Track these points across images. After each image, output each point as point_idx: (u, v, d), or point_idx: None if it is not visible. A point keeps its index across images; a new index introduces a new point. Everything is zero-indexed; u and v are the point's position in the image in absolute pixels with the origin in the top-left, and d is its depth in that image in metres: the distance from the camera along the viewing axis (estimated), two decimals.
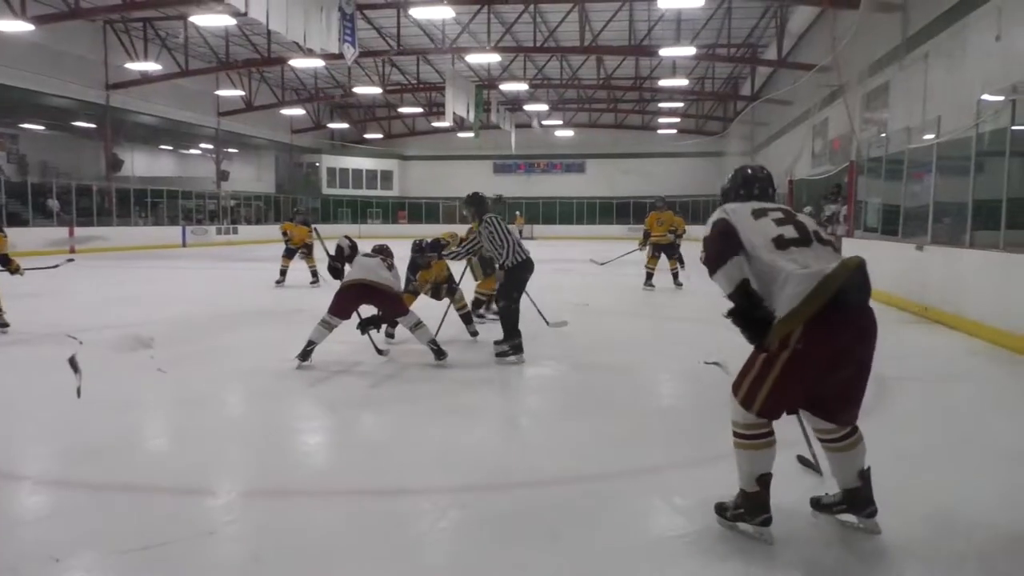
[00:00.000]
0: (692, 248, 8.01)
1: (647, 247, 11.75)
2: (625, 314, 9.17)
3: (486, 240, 6.15)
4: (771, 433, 2.71)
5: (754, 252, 2.67)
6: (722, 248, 2.66)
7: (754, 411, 2.65)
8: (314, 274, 12.21)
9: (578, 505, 3.15)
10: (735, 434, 2.74)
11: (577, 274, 14.74)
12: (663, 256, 11.72)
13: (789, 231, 2.69)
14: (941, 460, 3.80)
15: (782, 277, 2.58)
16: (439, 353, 5.91)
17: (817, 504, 2.93)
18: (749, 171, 3.10)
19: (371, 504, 3.23)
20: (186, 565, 2.66)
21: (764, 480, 2.71)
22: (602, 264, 10.08)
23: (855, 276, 2.56)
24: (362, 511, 3.16)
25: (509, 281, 6.13)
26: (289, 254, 12.36)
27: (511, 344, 6.10)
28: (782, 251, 2.64)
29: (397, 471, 3.63)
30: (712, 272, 2.69)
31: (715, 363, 5.00)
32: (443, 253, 6.57)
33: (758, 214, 2.77)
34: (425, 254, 6.84)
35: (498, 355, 6.11)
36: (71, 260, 9.36)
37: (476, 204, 6.39)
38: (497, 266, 6.21)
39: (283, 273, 12.20)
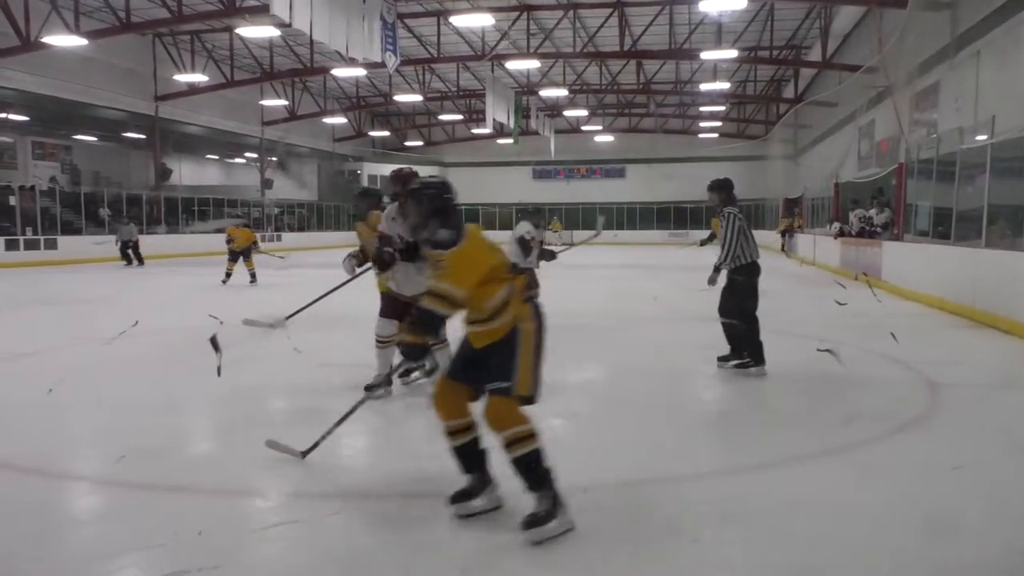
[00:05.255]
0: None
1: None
2: (672, 320, 9.08)
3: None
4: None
5: None
6: None
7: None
8: (252, 276, 13.41)
9: (628, 510, 3.12)
10: None
11: (626, 280, 14.68)
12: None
13: None
14: (995, 469, 3.67)
15: None
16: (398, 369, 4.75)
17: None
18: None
19: (417, 508, 3.23)
20: (233, 565, 2.69)
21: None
22: (692, 245, 9.93)
23: None
24: (408, 515, 3.15)
25: (734, 290, 5.52)
26: (234, 257, 13.38)
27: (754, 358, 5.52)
28: None
29: (443, 475, 3.62)
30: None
31: (828, 350, 5.13)
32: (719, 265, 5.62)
33: None
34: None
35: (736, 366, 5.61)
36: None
37: (723, 190, 5.57)
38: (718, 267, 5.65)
39: (228, 275, 13.26)
